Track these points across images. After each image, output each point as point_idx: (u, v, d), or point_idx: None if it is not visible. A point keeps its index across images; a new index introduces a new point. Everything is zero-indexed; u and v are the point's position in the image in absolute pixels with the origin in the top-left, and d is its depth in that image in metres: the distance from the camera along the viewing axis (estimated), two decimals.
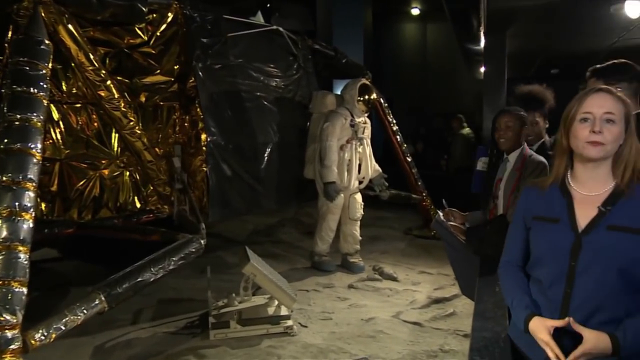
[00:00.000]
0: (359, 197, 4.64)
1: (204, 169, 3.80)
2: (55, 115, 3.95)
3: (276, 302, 3.19)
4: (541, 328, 1.31)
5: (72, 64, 3.30)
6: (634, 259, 1.28)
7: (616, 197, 1.33)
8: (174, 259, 2.79)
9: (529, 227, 1.47)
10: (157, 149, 4.08)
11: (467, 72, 8.30)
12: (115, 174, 4.14)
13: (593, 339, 1.25)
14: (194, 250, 2.97)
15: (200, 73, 3.82)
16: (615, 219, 1.31)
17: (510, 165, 2.59)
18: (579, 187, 1.40)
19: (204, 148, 3.78)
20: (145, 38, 3.85)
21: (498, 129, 2.60)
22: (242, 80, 4.19)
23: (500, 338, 1.60)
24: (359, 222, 4.67)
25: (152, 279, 2.65)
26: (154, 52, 3.93)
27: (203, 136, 3.79)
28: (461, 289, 3.16)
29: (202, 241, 3.04)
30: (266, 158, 4.33)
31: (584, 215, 1.35)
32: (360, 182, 4.69)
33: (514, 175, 2.53)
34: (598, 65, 2.11)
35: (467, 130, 8.37)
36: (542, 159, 2.55)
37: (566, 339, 1.30)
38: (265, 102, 4.41)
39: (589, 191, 1.38)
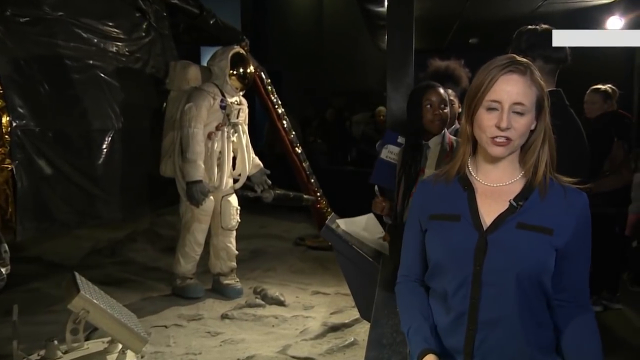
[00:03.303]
0: (234, 199, 4.67)
1: (8, 166, 3.60)
2: None
3: (119, 347, 3.06)
4: None
5: None
6: (545, 264, 1.36)
7: (528, 191, 1.41)
8: None
9: (425, 229, 1.51)
10: None
11: (370, 40, 8.62)
12: None
13: None
14: None
15: None
16: (526, 216, 1.38)
17: (432, 151, 2.67)
18: (482, 177, 1.46)
19: (6, 137, 3.59)
20: None
21: (432, 107, 2.65)
22: (64, 42, 4.05)
23: None
24: (234, 233, 4.69)
25: None
26: None
27: (5, 119, 3.59)
28: (359, 311, 3.27)
29: (2, 270, 2.83)
30: (105, 150, 4.24)
31: (489, 211, 1.42)
32: (235, 181, 4.71)
33: None
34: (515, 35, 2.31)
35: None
36: None
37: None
38: (102, 74, 4.31)
39: (494, 182, 1.44)
